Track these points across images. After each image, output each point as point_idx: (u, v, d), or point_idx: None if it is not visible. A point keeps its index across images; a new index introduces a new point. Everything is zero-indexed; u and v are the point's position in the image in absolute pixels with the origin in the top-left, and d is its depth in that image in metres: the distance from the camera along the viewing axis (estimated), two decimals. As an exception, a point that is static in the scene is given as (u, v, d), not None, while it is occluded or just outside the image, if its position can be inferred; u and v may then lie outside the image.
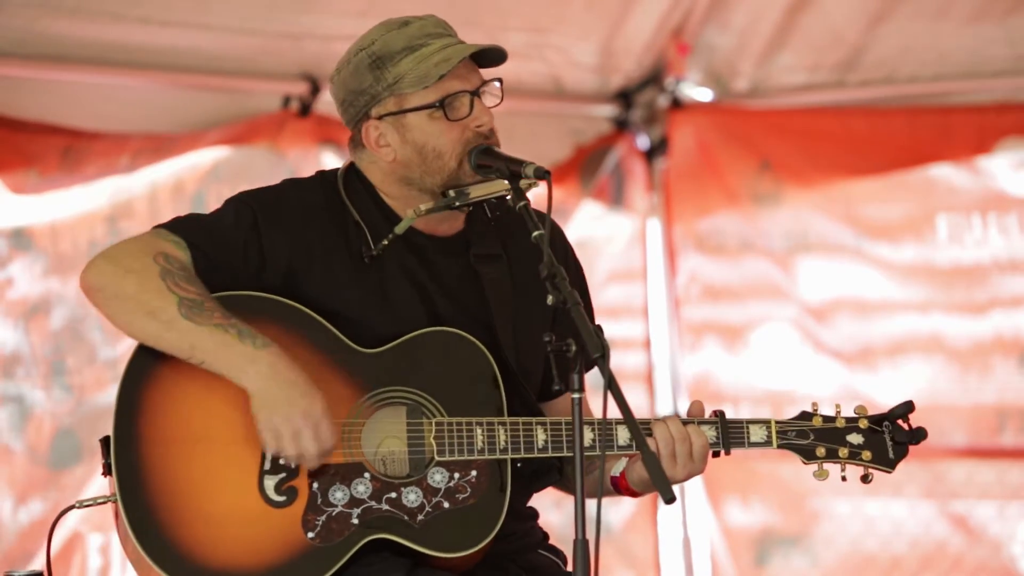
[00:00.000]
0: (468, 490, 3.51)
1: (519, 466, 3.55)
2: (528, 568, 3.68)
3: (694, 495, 6.96)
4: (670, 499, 3.16)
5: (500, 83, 3.63)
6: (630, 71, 6.90)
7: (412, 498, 3.49)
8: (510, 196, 3.49)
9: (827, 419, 3.67)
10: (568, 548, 3.21)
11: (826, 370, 6.77)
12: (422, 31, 3.58)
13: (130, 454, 3.42)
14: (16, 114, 5.53)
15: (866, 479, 3.66)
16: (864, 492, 4.02)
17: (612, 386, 3.15)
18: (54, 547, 5.23)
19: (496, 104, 3.64)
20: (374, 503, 3.47)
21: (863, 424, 3.67)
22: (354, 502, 3.46)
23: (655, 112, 7.01)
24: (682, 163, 7.00)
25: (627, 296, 7.13)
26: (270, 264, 3.56)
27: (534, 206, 3.46)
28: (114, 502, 3.42)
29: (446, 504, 3.49)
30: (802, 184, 6.88)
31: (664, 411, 6.98)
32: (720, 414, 3.62)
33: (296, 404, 3.39)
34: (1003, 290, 6.59)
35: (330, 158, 6.09)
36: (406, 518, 3.47)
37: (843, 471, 3.66)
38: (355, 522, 3.45)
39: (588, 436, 3.54)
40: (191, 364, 3.43)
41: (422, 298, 3.61)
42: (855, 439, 3.66)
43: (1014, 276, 6.58)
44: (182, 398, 3.46)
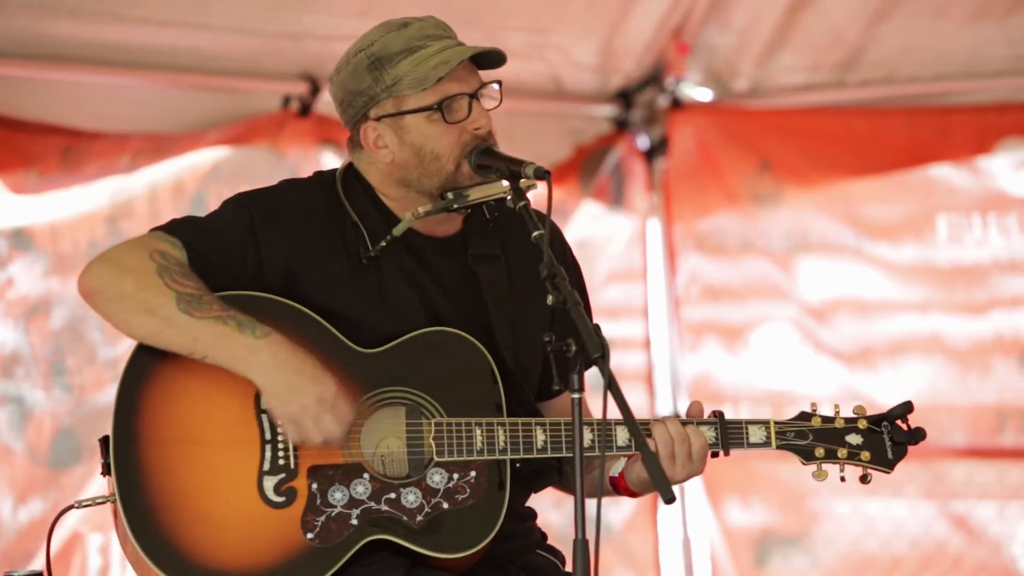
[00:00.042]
0: (467, 491, 3.51)
1: (518, 467, 3.55)
2: (527, 568, 3.67)
3: (694, 495, 6.96)
4: (670, 499, 3.16)
5: (499, 85, 3.63)
6: (630, 71, 6.90)
7: (411, 499, 3.49)
8: (509, 198, 3.49)
9: (826, 420, 3.67)
10: (568, 548, 3.21)
11: (826, 370, 6.77)
12: (421, 33, 3.57)
13: (129, 454, 3.41)
14: (16, 114, 5.52)
15: (865, 479, 3.65)
16: (864, 492, 4.02)
17: (612, 386, 3.14)
18: (54, 547, 5.23)
19: (495, 106, 3.63)
20: (373, 504, 3.47)
21: (862, 424, 3.66)
22: (353, 503, 3.46)
23: (655, 112, 7.01)
24: (682, 163, 7.00)
25: (627, 296, 7.12)
26: (268, 265, 3.55)
27: (534, 206, 3.46)
28: (113, 502, 3.42)
29: (445, 505, 3.49)
30: (802, 184, 6.87)
31: (664, 411, 6.98)
32: (719, 415, 3.61)
33: (308, 391, 3.39)
34: (1003, 290, 6.59)
35: (330, 158, 6.09)
36: (405, 519, 3.47)
37: (842, 472, 3.65)
38: (354, 523, 3.45)
39: (587, 437, 3.54)
40: (190, 364, 3.43)
41: (421, 298, 3.61)
42: (854, 439, 3.66)
43: (1014, 276, 6.57)
44: (182, 398, 3.46)
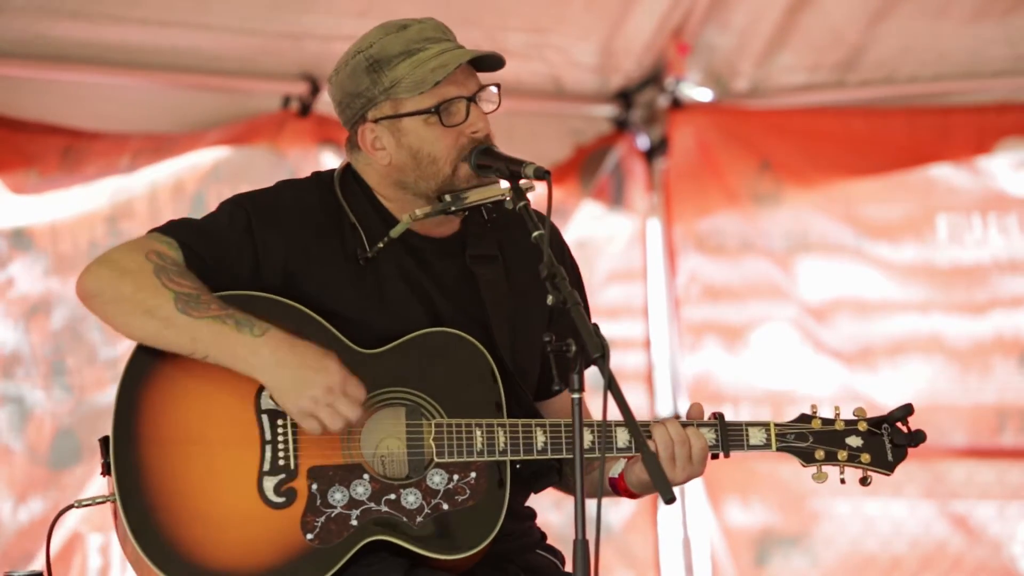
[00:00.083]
0: (467, 492, 3.50)
1: (518, 468, 3.55)
2: (526, 568, 3.67)
3: (694, 495, 6.95)
4: (670, 500, 3.16)
5: (498, 88, 3.62)
6: (630, 71, 6.90)
7: (411, 500, 3.49)
8: (506, 200, 3.49)
9: (826, 421, 3.67)
10: (567, 548, 3.21)
11: (826, 370, 6.77)
12: (420, 35, 3.57)
13: (129, 455, 3.41)
14: (16, 114, 5.52)
15: (865, 481, 3.65)
16: (864, 492, 4.01)
17: (612, 386, 3.14)
18: (54, 547, 5.24)
19: (493, 110, 3.62)
20: (373, 504, 3.47)
21: (862, 427, 3.66)
22: (353, 503, 3.46)
23: (655, 112, 7.01)
24: (682, 163, 6.99)
25: (627, 296, 7.12)
26: (266, 266, 3.55)
27: (534, 206, 3.46)
28: (113, 502, 3.42)
29: (445, 506, 3.49)
30: (802, 184, 6.87)
31: (664, 411, 6.97)
32: (719, 416, 3.61)
33: (315, 383, 3.38)
34: (1003, 290, 6.58)
35: (330, 158, 6.08)
36: (405, 520, 3.47)
37: (842, 473, 3.65)
38: (354, 523, 3.45)
39: (587, 438, 3.54)
40: (190, 364, 3.43)
41: (420, 299, 3.61)
42: (854, 441, 3.66)
43: (1014, 276, 6.57)
44: (181, 398, 3.46)
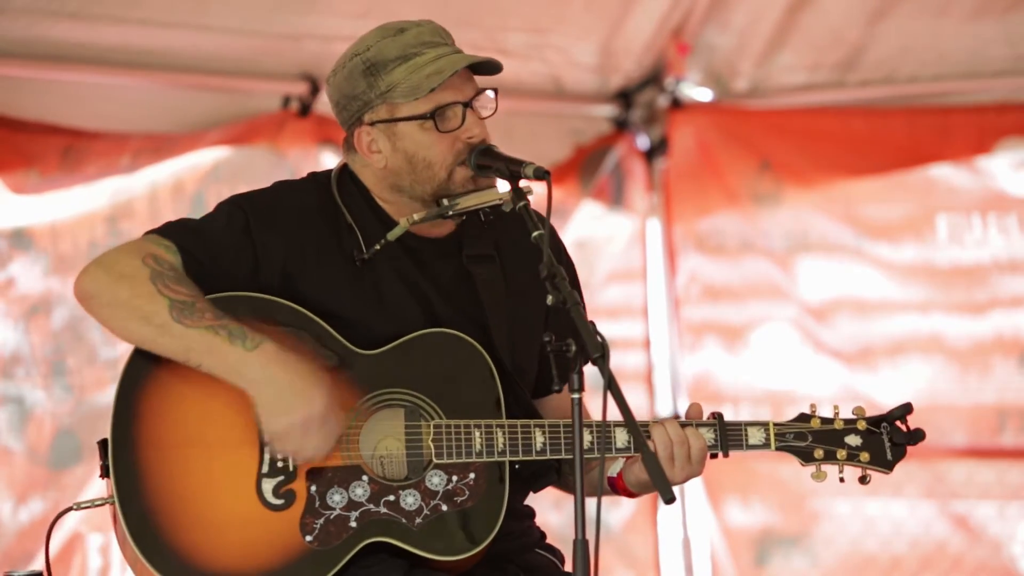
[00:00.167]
0: (466, 492, 3.50)
1: (517, 468, 3.55)
2: (526, 567, 3.67)
3: (694, 495, 6.95)
4: (670, 499, 3.16)
5: (495, 93, 3.61)
6: (630, 71, 6.90)
7: (410, 501, 3.49)
8: (503, 204, 3.49)
9: (825, 421, 3.67)
10: (567, 548, 3.21)
11: (826, 370, 6.76)
12: (417, 39, 3.55)
13: (128, 457, 3.41)
14: (16, 114, 5.51)
15: (864, 480, 3.65)
16: (864, 492, 4.01)
17: (612, 386, 3.14)
18: (54, 547, 5.24)
19: (490, 114, 3.61)
20: (372, 506, 3.47)
21: (861, 426, 3.66)
22: (352, 505, 3.46)
23: (655, 112, 7.00)
24: (682, 163, 6.99)
25: (627, 296, 7.12)
26: (264, 267, 3.55)
27: (533, 206, 3.45)
28: (112, 504, 3.42)
29: (444, 507, 3.49)
30: (802, 184, 6.87)
31: (664, 411, 6.97)
32: (718, 416, 3.61)
33: (295, 410, 3.38)
34: (1003, 290, 6.58)
35: (330, 158, 6.08)
36: (404, 521, 3.47)
37: (841, 472, 3.65)
38: (353, 525, 3.45)
39: (587, 438, 3.53)
40: (188, 367, 3.42)
41: (418, 300, 3.60)
42: (853, 441, 3.66)
43: (1014, 276, 6.57)
44: (180, 401, 3.46)
